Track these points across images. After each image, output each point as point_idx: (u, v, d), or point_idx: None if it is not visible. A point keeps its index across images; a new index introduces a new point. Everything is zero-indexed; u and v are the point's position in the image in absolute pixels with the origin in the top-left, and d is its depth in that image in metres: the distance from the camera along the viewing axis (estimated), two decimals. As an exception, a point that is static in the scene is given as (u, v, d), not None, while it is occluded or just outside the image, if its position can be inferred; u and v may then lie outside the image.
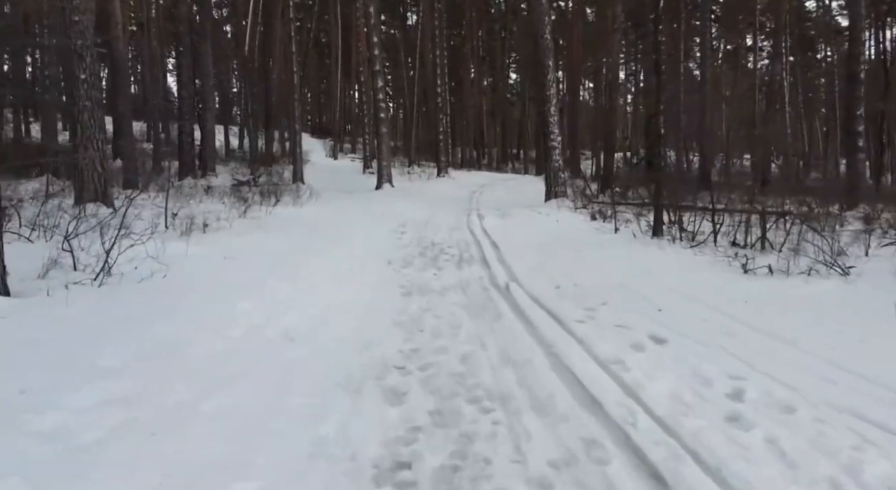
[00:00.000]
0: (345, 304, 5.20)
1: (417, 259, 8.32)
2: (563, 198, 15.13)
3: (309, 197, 15.06)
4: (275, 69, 23.52)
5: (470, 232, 11.37)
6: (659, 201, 9.43)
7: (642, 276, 6.83)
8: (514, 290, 6.13)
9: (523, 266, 7.66)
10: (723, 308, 5.27)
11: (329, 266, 6.94)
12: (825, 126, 40.26)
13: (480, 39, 36.09)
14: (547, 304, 5.43)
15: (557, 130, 15.37)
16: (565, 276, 6.96)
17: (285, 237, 9.05)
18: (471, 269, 7.66)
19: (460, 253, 8.98)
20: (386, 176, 18.66)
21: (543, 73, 15.38)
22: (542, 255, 8.49)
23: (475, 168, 32.69)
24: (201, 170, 18.60)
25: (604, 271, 7.22)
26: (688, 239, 9.17)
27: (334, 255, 7.79)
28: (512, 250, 8.96)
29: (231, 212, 11.23)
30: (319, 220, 11.48)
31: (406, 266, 7.69)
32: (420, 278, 6.80)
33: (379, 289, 6.03)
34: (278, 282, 5.68)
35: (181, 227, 8.77)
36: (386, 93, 20.90)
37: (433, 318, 4.93)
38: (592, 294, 5.95)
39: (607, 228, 10.94)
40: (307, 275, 6.24)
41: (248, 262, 6.70)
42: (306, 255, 7.47)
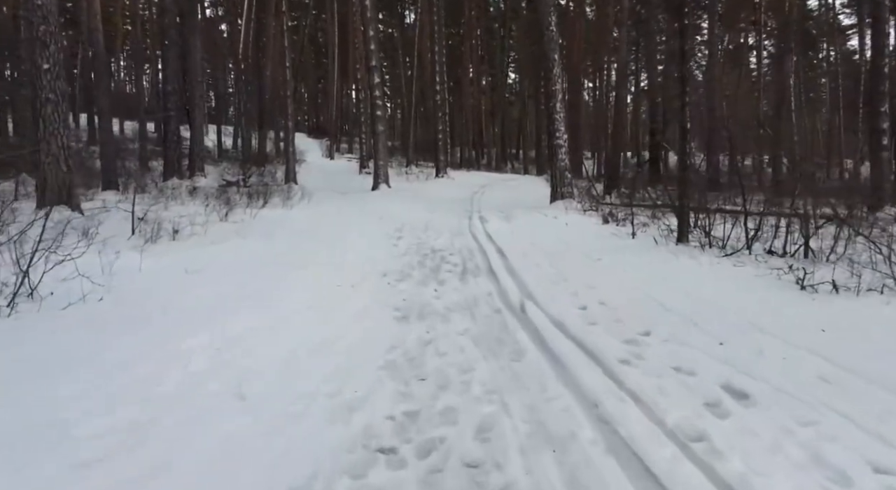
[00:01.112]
0: (324, 340, 4.02)
1: (416, 270, 7.15)
2: (570, 199, 13.97)
3: (300, 198, 13.88)
4: (268, 66, 22.30)
5: (472, 237, 10.21)
6: (685, 203, 8.27)
7: (680, 293, 5.67)
8: (532, 312, 4.97)
9: (537, 278, 6.50)
10: (798, 339, 4.11)
11: (311, 282, 5.76)
12: (825, 126, 39.27)
13: (479, 38, 34.92)
14: (576, 333, 4.27)
15: (563, 128, 14.20)
16: (588, 292, 5.80)
17: (267, 245, 7.88)
18: (477, 282, 6.49)
19: (463, 262, 7.81)
20: (383, 176, 17.48)
21: (549, 67, 14.21)
22: (556, 265, 7.33)
23: (474, 168, 31.52)
24: (189, 170, 17.40)
25: (632, 285, 6.06)
26: (717, 246, 8.01)
27: (319, 268, 6.61)
28: (521, 258, 7.80)
29: (211, 215, 10.06)
30: (309, 224, 10.31)
31: (403, 279, 6.51)
32: (419, 296, 5.62)
33: (369, 313, 4.84)
34: (244, 307, 4.51)
35: (148, 233, 7.60)
36: (383, 90, 19.72)
37: (436, 357, 3.76)
38: (628, 317, 4.79)
39: (623, 233, 9.79)
40: (283, 295, 5.07)
41: (215, 278, 5.52)
42: (286, 268, 6.29)
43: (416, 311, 4.98)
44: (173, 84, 15.73)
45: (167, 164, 15.87)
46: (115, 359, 3.27)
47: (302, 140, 36.24)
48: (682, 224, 8.32)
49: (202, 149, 17.68)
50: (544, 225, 11.37)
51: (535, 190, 20.57)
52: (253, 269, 6.13)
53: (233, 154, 26.60)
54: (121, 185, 14.14)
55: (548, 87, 14.47)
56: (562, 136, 14.13)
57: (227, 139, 30.74)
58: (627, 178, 18.20)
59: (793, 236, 7.66)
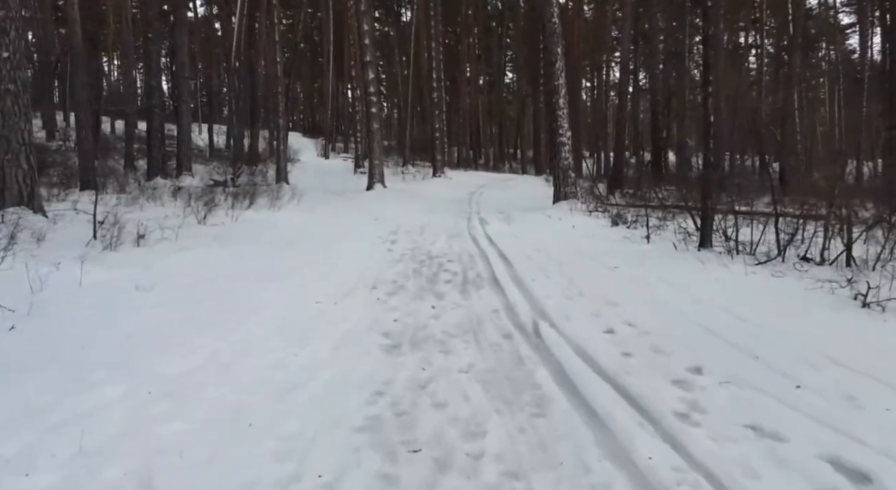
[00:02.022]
0: (289, 382, 3.05)
1: (411, 280, 6.19)
2: (574, 199, 13.03)
3: (290, 199, 12.90)
4: (260, 64, 21.29)
5: (472, 240, 9.26)
6: (708, 205, 7.33)
7: (721, 311, 4.73)
8: (550, 337, 4.02)
9: (548, 290, 5.56)
10: (891, 377, 3.18)
11: (287, 299, 4.80)
12: (821, 126, 38.39)
13: (476, 37, 33.95)
14: (610, 371, 3.32)
15: (567, 125, 13.25)
16: (610, 310, 4.85)
17: (244, 252, 6.91)
18: (480, 295, 5.54)
19: (464, 270, 6.86)
20: (378, 176, 16.51)
21: (551, 61, 13.26)
22: (567, 274, 6.38)
23: (471, 168, 30.56)
24: (177, 169, 16.40)
25: (662, 301, 5.12)
26: (745, 252, 7.08)
27: (300, 280, 5.65)
28: (527, 266, 6.86)
29: (188, 217, 9.08)
30: (295, 228, 9.35)
31: (395, 292, 5.55)
32: (413, 315, 4.66)
33: (352, 340, 3.87)
34: (194, 336, 3.55)
35: (109, 238, 6.62)
36: (378, 87, 18.76)
37: (433, 411, 2.80)
38: (667, 346, 3.84)
39: (636, 236, 8.86)
40: (248, 317, 4.10)
41: (171, 295, 4.56)
42: (261, 281, 5.33)
43: (410, 337, 4.02)
44: (157, 79, 14.73)
45: (151, 162, 14.88)
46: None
47: (298, 139, 35.21)
48: (706, 227, 7.39)
49: (189, 147, 16.69)
50: (548, 227, 10.43)
51: (535, 190, 19.63)
52: (221, 282, 5.17)
53: (225, 153, 25.56)
54: (101, 184, 13.14)
55: (549, 83, 13.52)
56: (565, 133, 13.18)
57: (221, 138, 29.72)
58: (630, 178, 17.27)
59: (830, 241, 6.76)
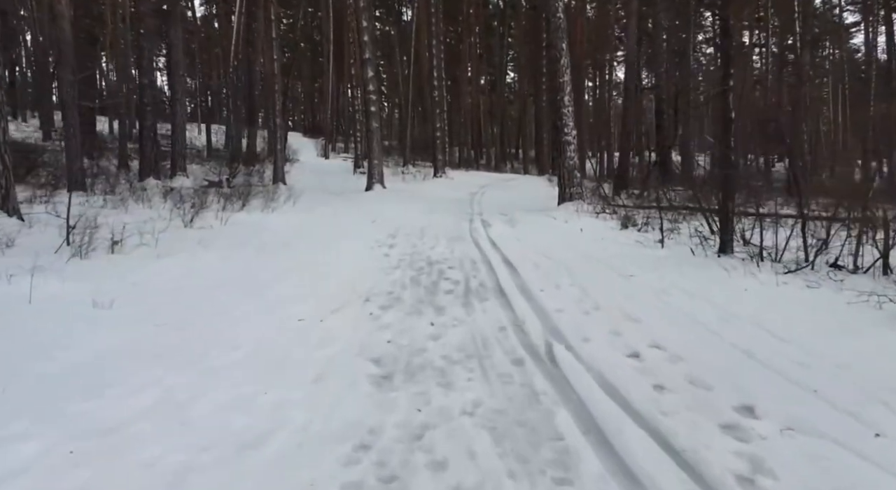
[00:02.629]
0: (250, 434, 2.44)
1: (408, 290, 5.58)
2: (579, 200, 12.41)
3: (286, 200, 12.30)
4: (258, 62, 20.68)
5: (475, 244, 8.65)
6: (729, 207, 6.72)
7: (759, 330, 4.13)
8: (568, 365, 3.41)
9: (559, 303, 4.96)
10: None
11: (266, 316, 4.20)
12: (824, 125, 37.70)
13: (478, 36, 33.30)
14: (644, 411, 2.72)
15: (572, 123, 12.64)
16: (632, 327, 4.25)
17: (226, 259, 6.31)
18: (484, 308, 4.94)
19: (466, 278, 6.26)
20: (377, 176, 15.90)
21: (555, 57, 12.64)
22: (579, 282, 5.78)
23: (473, 168, 29.94)
24: (171, 169, 15.81)
25: (688, 316, 4.51)
26: (769, 258, 6.48)
27: (285, 291, 5.04)
28: (535, 274, 6.25)
29: (174, 220, 8.49)
30: (288, 231, 8.75)
31: (391, 306, 4.95)
32: (409, 335, 4.06)
33: (336, 368, 3.27)
34: (148, 367, 2.95)
35: (82, 243, 6.02)
36: (378, 85, 18.14)
37: (429, 473, 2.20)
38: (706, 375, 3.24)
39: (649, 240, 8.25)
40: (217, 341, 3.50)
41: (130, 313, 3.96)
42: (240, 294, 4.73)
43: (404, 364, 3.41)
44: (150, 77, 14.12)
45: (143, 162, 14.27)
46: None
47: (298, 139, 34.60)
48: (726, 231, 6.78)
49: (184, 147, 16.09)
50: (554, 230, 9.82)
51: (538, 190, 19.01)
52: (194, 296, 4.57)
53: (224, 154, 24.98)
54: (90, 185, 12.56)
55: (554, 80, 12.91)
56: (570, 131, 12.57)
57: (221, 139, 29.11)
58: (636, 178, 16.65)
59: (862, 248, 6.15)
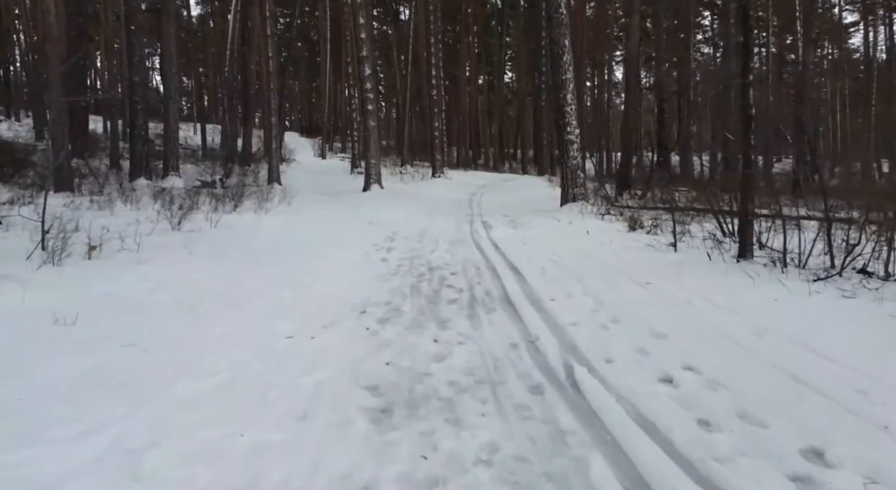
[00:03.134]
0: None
1: (408, 300, 5.11)
2: (583, 201, 11.95)
3: (280, 201, 11.82)
4: (254, 60, 20.15)
5: (477, 247, 8.19)
6: (748, 209, 6.25)
7: (799, 348, 3.66)
8: (594, 394, 2.94)
9: (574, 314, 4.50)
10: None
11: (248, 335, 3.71)
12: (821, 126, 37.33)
13: (476, 36, 32.83)
14: (695, 459, 2.24)
15: (575, 122, 12.17)
16: (660, 346, 3.78)
17: (213, 265, 5.82)
18: (492, 321, 4.47)
19: (470, 286, 5.78)
20: (375, 176, 15.41)
21: (558, 53, 12.18)
22: (593, 291, 5.31)
23: (471, 168, 29.47)
24: (164, 169, 15.28)
25: (718, 331, 4.04)
26: (792, 263, 6.01)
27: (272, 303, 4.56)
28: (543, 280, 5.79)
29: (161, 223, 7.99)
30: (280, 234, 8.25)
31: (389, 319, 4.47)
32: (410, 354, 3.58)
33: (325, 401, 2.77)
34: (106, 401, 2.48)
35: (56, 249, 5.52)
36: (376, 84, 17.63)
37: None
38: (757, 408, 2.77)
39: (660, 243, 7.77)
40: (188, 368, 3.01)
41: (95, 331, 3.47)
42: (221, 307, 4.24)
43: (406, 394, 2.93)
44: (141, 74, 13.61)
45: (133, 162, 13.74)
46: None
47: (295, 139, 34.07)
48: (745, 235, 6.31)
49: (177, 146, 15.54)
50: (559, 232, 9.35)
51: (539, 191, 18.56)
52: (170, 309, 4.08)
53: (220, 154, 24.45)
54: (77, 186, 12.04)
55: (556, 77, 12.43)
56: (573, 131, 12.10)
57: (217, 138, 28.55)
58: (638, 178, 16.19)
59: (891, 252, 5.69)
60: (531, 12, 29.91)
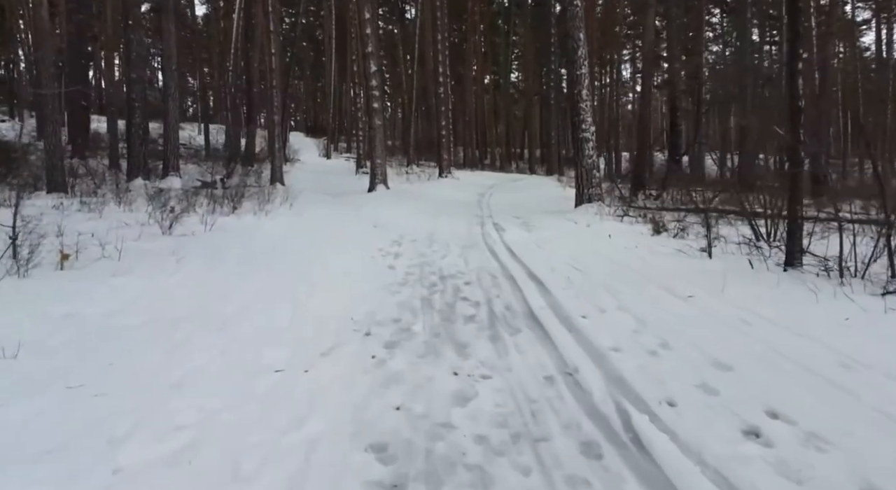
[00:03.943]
0: None
1: (419, 318, 4.41)
2: (599, 202, 11.21)
3: (282, 202, 11.13)
4: (257, 58, 19.47)
5: (490, 252, 7.48)
6: (797, 211, 5.52)
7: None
8: (666, 457, 2.24)
9: (613, 337, 3.80)
10: None
11: (226, 368, 3.01)
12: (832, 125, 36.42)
13: (483, 35, 32.07)
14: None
15: (591, 119, 11.44)
16: (729, 381, 3.08)
17: (200, 276, 5.12)
18: (518, 345, 3.77)
19: (488, 298, 5.08)
20: (380, 176, 14.71)
21: (572, 47, 11.44)
22: (629, 306, 4.60)
23: (477, 168, 28.74)
24: (163, 169, 14.63)
25: (795, 361, 3.32)
26: (849, 274, 5.28)
27: (259, 324, 3.86)
28: (569, 293, 5.08)
29: (152, 226, 7.32)
30: (279, 238, 7.56)
31: (398, 343, 3.77)
32: (426, 393, 2.87)
33: (317, 477, 2.08)
34: (28, 468, 1.76)
35: (26, 256, 4.84)
36: (381, 81, 16.94)
37: None
38: (885, 480, 2.05)
39: (690, 248, 7.03)
40: (144, 420, 2.32)
41: (38, 368, 2.78)
42: (200, 332, 3.55)
43: (421, 460, 2.22)
44: (138, 71, 12.94)
45: (131, 161, 13.08)
46: None
47: (300, 139, 33.40)
48: (794, 241, 5.58)
49: (177, 146, 14.88)
50: (578, 236, 8.63)
51: (549, 191, 17.82)
52: (142, 334, 3.39)
53: (224, 154, 23.81)
54: (70, 186, 11.38)
55: (571, 72, 11.71)
56: (589, 128, 11.37)
57: (222, 138, 27.91)
58: (654, 178, 15.44)
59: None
60: (538, 10, 29.15)
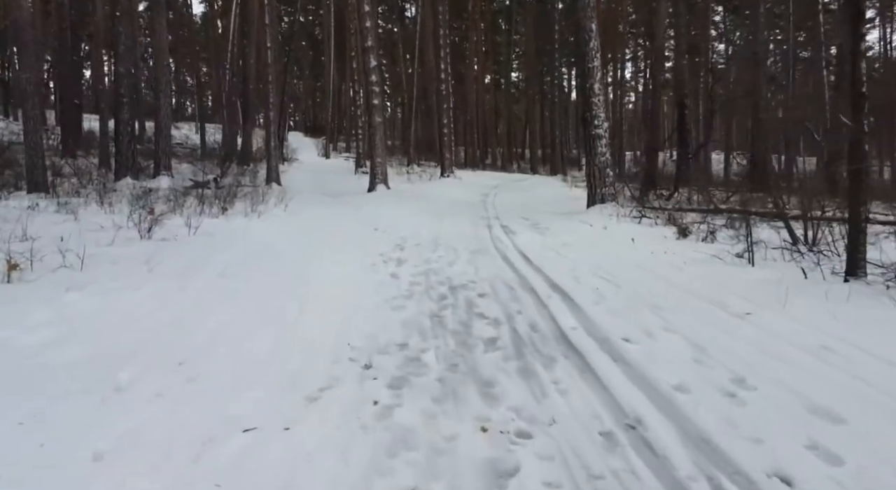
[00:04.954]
0: None
1: (430, 342, 3.60)
2: (612, 203, 10.41)
3: (277, 202, 10.32)
4: (253, 54, 18.65)
5: (503, 258, 6.67)
6: (860, 214, 4.72)
7: None
8: None
9: (672, 371, 2.99)
10: None
11: (178, 426, 2.18)
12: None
13: (483, 33, 31.26)
14: None
15: (604, 114, 10.64)
16: (843, 436, 2.28)
17: (171, 289, 4.30)
18: (557, 381, 2.98)
19: (508, 314, 4.28)
20: (380, 175, 13.89)
21: (584, 39, 10.64)
22: (677, 327, 3.80)
23: (479, 168, 27.93)
24: (154, 168, 13.82)
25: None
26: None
27: (232, 361, 3.04)
28: (602, 308, 4.29)
29: (130, 230, 6.50)
30: (268, 243, 6.74)
31: (406, 379, 2.96)
32: (448, 466, 2.06)
33: None
34: None
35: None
36: (381, 78, 16.12)
37: None
38: None
39: (724, 253, 6.21)
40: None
41: None
42: (152, 371, 2.72)
43: None
44: (125, 64, 12.12)
45: (119, 160, 12.25)
46: None
47: (299, 139, 32.58)
48: (857, 247, 4.78)
49: (169, 144, 14.06)
50: (595, 239, 7.81)
51: (555, 191, 17.02)
52: (75, 374, 2.57)
53: (221, 153, 22.98)
54: (53, 186, 10.57)
55: (582, 65, 10.89)
56: (601, 124, 10.56)
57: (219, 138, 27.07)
58: (665, 178, 14.64)
59: None
60: (541, 7, 28.31)
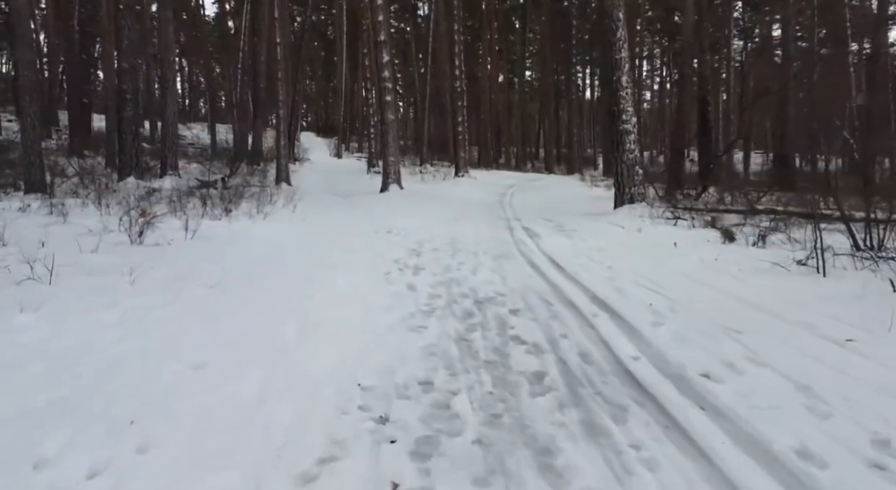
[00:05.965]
0: None
1: (459, 380, 2.82)
2: (642, 203, 9.56)
3: (286, 203, 9.61)
4: (263, 52, 17.98)
5: (530, 265, 5.87)
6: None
7: None
8: None
9: (785, 422, 2.18)
10: None
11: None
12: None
13: (496, 31, 30.41)
14: None
15: (632, 109, 9.79)
16: None
17: (149, 308, 3.56)
18: (640, 446, 2.19)
19: (550, 339, 3.51)
20: (393, 175, 13.14)
21: (611, 29, 9.79)
22: (766, 358, 3.00)
23: (492, 167, 27.10)
24: (161, 168, 13.18)
25: None
26: None
27: (207, 411, 2.26)
28: (664, 330, 3.52)
29: (119, 234, 5.79)
30: (274, 247, 6.00)
31: (435, 441, 2.18)
32: None
33: None
34: None
35: None
36: (394, 74, 15.36)
37: None
38: None
39: (782, 259, 5.35)
40: None
41: None
42: (98, 431, 1.94)
43: None
44: (130, 60, 11.47)
45: (122, 159, 11.60)
46: None
47: (311, 139, 31.94)
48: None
49: (176, 143, 13.42)
50: (631, 244, 6.98)
51: (575, 190, 16.19)
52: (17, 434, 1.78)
53: (230, 152, 22.37)
54: (51, 185, 9.92)
55: (609, 57, 10.06)
56: (629, 119, 9.71)
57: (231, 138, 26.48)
58: (691, 177, 13.74)
59: None
60: (556, 6, 27.40)
